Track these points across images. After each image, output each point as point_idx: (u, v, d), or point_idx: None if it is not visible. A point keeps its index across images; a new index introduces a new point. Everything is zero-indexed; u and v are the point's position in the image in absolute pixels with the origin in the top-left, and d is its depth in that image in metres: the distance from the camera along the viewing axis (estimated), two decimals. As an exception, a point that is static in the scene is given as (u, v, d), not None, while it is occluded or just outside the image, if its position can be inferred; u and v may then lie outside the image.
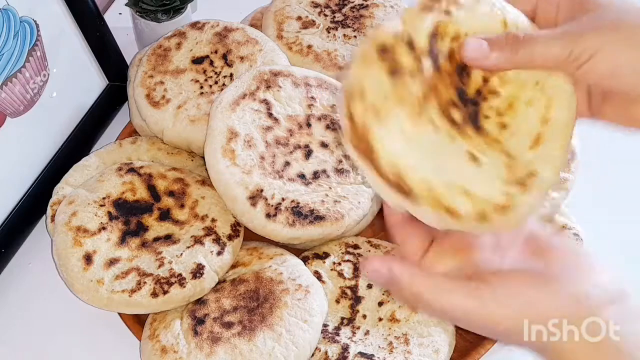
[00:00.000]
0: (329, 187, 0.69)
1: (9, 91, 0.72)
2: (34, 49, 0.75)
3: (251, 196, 0.66)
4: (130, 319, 0.68)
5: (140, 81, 0.78)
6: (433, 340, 0.64)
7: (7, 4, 0.71)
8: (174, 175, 0.73)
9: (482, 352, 0.65)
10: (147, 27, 0.91)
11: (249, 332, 0.61)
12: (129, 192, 0.70)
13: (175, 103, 0.75)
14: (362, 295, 0.68)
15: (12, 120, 0.74)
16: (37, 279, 0.76)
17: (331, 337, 0.65)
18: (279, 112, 0.72)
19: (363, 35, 0.85)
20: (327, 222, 0.67)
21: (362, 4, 0.89)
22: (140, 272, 0.65)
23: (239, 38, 0.80)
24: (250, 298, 0.64)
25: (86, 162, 0.76)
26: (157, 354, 0.62)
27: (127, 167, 0.72)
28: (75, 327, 0.72)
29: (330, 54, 0.83)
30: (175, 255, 0.66)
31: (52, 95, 0.79)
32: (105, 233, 0.67)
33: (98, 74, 0.87)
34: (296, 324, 0.62)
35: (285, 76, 0.74)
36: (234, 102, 0.70)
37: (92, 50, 0.85)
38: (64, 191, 0.73)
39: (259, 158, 0.68)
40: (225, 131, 0.68)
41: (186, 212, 0.70)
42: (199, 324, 0.63)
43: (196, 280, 0.64)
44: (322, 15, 0.88)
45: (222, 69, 0.78)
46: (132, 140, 0.78)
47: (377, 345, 0.64)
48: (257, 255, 0.69)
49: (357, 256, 0.71)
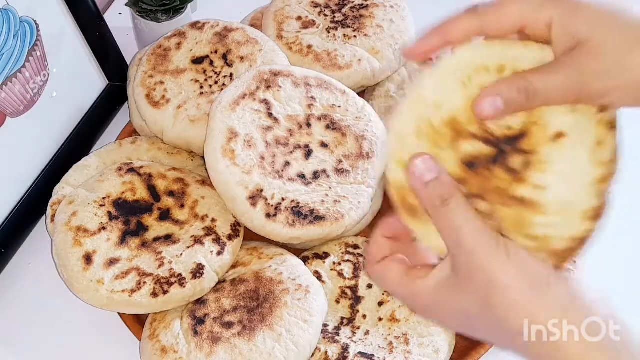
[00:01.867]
0: (329, 187, 0.69)
1: (9, 91, 0.72)
2: (34, 49, 0.75)
3: (251, 196, 0.66)
4: (130, 319, 0.68)
5: (140, 81, 0.78)
6: (433, 340, 0.64)
7: (7, 4, 0.71)
8: (174, 175, 0.73)
9: (482, 352, 0.65)
10: (147, 27, 0.91)
11: (249, 332, 0.61)
12: (129, 192, 0.70)
13: (175, 103, 0.75)
14: (362, 295, 0.68)
15: (12, 120, 0.74)
16: (37, 279, 0.76)
17: (331, 337, 0.65)
18: (279, 112, 0.72)
19: (363, 35, 0.85)
20: (327, 222, 0.67)
21: (362, 4, 0.89)
22: (140, 272, 0.65)
23: (239, 38, 0.80)
24: (250, 298, 0.64)
25: (86, 162, 0.76)
26: (157, 354, 0.62)
27: (127, 167, 0.72)
28: (75, 327, 0.72)
29: (330, 54, 0.83)
30: (175, 255, 0.66)
31: (52, 95, 0.79)
32: (105, 233, 0.67)
33: (98, 74, 0.87)
34: (296, 324, 0.62)
35: (285, 76, 0.74)
36: (234, 102, 0.70)
37: (92, 50, 0.85)
38: (64, 191, 0.73)
39: (259, 158, 0.68)
40: (225, 131, 0.68)
41: (186, 212, 0.70)
42: (199, 324, 0.63)
43: (196, 280, 0.65)
44: (322, 15, 0.88)
45: (222, 69, 0.78)
46: (132, 140, 0.78)
47: (377, 345, 0.64)
48: (257, 255, 0.69)
49: (357, 256, 0.71)
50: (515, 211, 0.40)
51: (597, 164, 0.40)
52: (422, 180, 0.41)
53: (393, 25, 0.86)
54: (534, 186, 0.40)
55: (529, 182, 0.40)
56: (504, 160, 0.41)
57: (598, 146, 0.40)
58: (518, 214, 0.40)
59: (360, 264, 0.70)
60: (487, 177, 0.41)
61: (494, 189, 0.41)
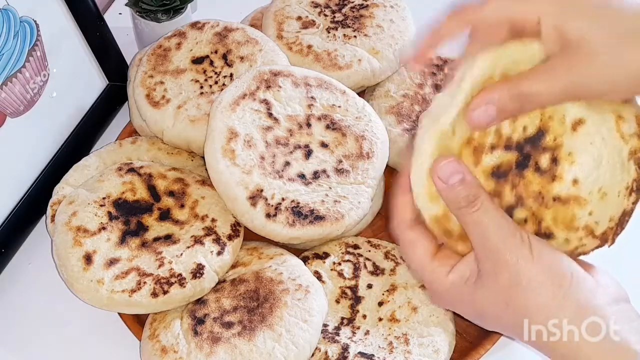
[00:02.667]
0: (329, 187, 0.69)
1: (9, 91, 0.72)
2: (34, 49, 0.75)
3: (251, 196, 0.66)
4: (130, 319, 0.68)
5: (140, 81, 0.78)
6: (433, 340, 0.64)
7: (7, 4, 0.71)
8: (174, 175, 0.73)
9: (482, 352, 0.65)
10: (147, 27, 0.91)
11: (249, 332, 0.61)
12: (129, 192, 0.70)
13: (175, 103, 0.75)
14: (362, 295, 0.68)
15: (12, 120, 0.74)
16: (37, 279, 0.76)
17: (331, 337, 0.65)
18: (279, 112, 0.72)
19: (363, 35, 0.85)
20: (327, 222, 0.67)
21: (362, 4, 0.89)
22: (140, 272, 0.65)
23: (239, 38, 0.80)
24: (250, 298, 0.64)
25: (86, 162, 0.76)
26: (157, 354, 0.62)
27: (127, 167, 0.72)
28: (75, 327, 0.72)
29: (330, 54, 0.83)
30: (175, 255, 0.66)
31: (52, 95, 0.79)
32: (105, 233, 0.67)
33: (98, 74, 0.87)
34: (296, 323, 0.62)
35: (285, 76, 0.74)
36: (234, 102, 0.70)
37: (92, 50, 0.85)
38: (64, 191, 0.73)
39: (259, 158, 0.68)
40: (225, 131, 0.68)
41: (186, 212, 0.70)
42: (199, 324, 0.63)
43: (196, 280, 0.65)
44: (322, 15, 0.88)
45: (222, 69, 0.78)
46: (132, 140, 0.78)
47: (377, 345, 0.64)
48: (257, 255, 0.69)
49: (357, 256, 0.71)
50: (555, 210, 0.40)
51: (626, 138, 0.39)
52: (447, 182, 0.41)
53: (393, 25, 0.86)
54: (570, 181, 0.40)
55: (563, 178, 0.40)
56: (531, 162, 0.41)
57: (620, 121, 0.39)
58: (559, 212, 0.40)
59: (361, 263, 0.70)
60: (520, 184, 0.41)
61: (532, 195, 0.40)
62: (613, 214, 0.40)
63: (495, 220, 0.40)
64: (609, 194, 0.39)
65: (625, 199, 0.40)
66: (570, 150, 0.40)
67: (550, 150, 0.40)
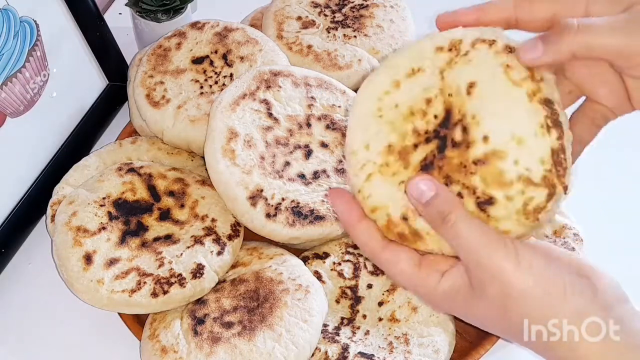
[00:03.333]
0: (329, 187, 0.69)
1: (9, 91, 0.72)
2: (34, 49, 0.75)
3: (251, 196, 0.66)
4: (130, 319, 0.68)
5: (140, 81, 0.78)
6: (433, 340, 0.64)
7: (7, 4, 0.71)
8: (174, 175, 0.73)
9: (482, 352, 0.65)
10: (147, 27, 0.91)
11: (249, 332, 0.61)
12: (129, 192, 0.70)
13: (175, 103, 0.75)
14: (362, 295, 0.68)
15: (12, 120, 0.74)
16: (37, 279, 0.76)
17: (331, 337, 0.65)
18: (279, 112, 0.72)
19: (363, 35, 0.85)
20: (327, 222, 0.67)
21: (362, 4, 0.89)
22: (140, 272, 0.65)
23: (239, 38, 0.80)
24: (250, 298, 0.64)
25: (86, 162, 0.76)
26: (157, 354, 0.62)
27: (127, 167, 0.72)
28: (75, 327, 0.72)
29: (330, 54, 0.83)
30: (175, 255, 0.66)
31: (52, 95, 0.79)
32: (105, 233, 0.67)
33: (98, 74, 0.87)
34: (296, 324, 0.62)
35: (285, 76, 0.74)
36: (234, 102, 0.70)
37: (92, 50, 0.85)
38: (64, 191, 0.73)
39: (259, 158, 0.68)
40: (225, 131, 0.68)
41: (186, 212, 0.70)
42: (199, 324, 0.63)
43: (196, 280, 0.65)
44: (322, 15, 0.88)
45: (222, 69, 0.78)
46: (132, 140, 0.78)
47: (377, 345, 0.64)
48: (257, 255, 0.69)
49: (357, 256, 0.71)
50: (481, 172, 0.40)
51: (519, 83, 0.40)
52: (421, 201, 0.41)
53: (393, 25, 0.86)
54: (482, 140, 0.40)
55: (475, 140, 0.40)
56: (448, 142, 0.41)
57: (508, 69, 0.40)
58: (485, 172, 0.40)
59: (361, 263, 0.70)
60: (444, 165, 0.41)
61: (455, 168, 0.41)
62: (541, 155, 0.39)
63: (475, 232, 0.40)
64: (525, 137, 0.39)
65: (546, 138, 0.39)
66: (473, 114, 0.40)
67: (459, 123, 0.41)
